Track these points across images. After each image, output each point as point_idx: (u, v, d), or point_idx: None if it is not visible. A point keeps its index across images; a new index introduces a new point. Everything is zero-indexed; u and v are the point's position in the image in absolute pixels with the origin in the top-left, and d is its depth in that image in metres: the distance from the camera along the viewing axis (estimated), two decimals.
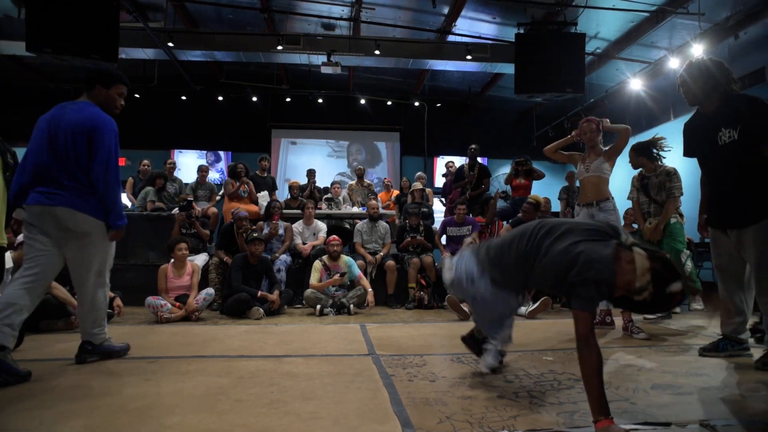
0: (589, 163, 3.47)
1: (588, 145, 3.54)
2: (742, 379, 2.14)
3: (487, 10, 7.51)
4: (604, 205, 3.39)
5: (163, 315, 3.97)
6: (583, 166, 3.51)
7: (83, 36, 5.63)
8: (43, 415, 1.66)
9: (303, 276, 5.12)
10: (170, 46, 7.54)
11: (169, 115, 10.90)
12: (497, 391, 1.93)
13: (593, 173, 3.44)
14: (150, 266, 5.04)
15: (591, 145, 3.52)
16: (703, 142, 2.57)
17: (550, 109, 10.91)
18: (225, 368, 2.32)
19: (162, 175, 6.36)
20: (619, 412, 1.66)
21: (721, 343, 2.61)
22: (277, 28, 8.22)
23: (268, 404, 1.77)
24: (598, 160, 3.43)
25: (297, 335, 3.33)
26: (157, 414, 1.66)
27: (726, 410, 1.71)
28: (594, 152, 3.50)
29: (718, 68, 2.48)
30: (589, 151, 3.53)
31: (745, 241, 2.40)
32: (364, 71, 10.05)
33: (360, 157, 11.81)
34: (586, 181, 3.50)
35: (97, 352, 2.49)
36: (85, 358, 2.45)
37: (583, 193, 3.53)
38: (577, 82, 6.80)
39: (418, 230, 5.48)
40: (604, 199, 3.40)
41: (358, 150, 11.86)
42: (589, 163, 3.47)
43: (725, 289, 2.61)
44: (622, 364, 2.41)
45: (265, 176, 6.92)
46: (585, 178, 3.50)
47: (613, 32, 7.75)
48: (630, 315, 3.32)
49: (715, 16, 6.56)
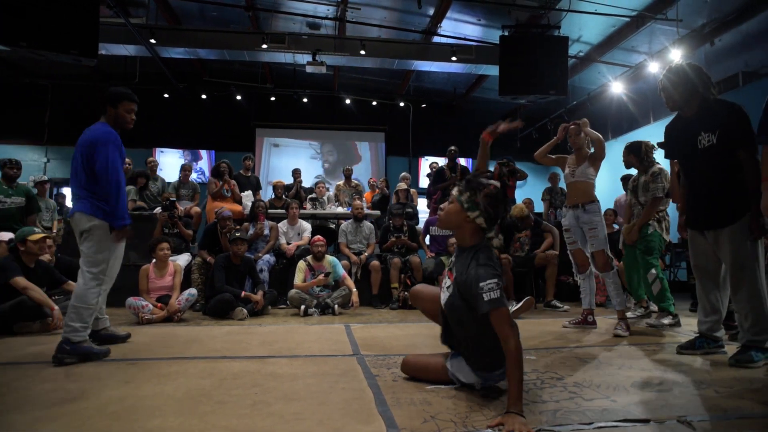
0: (575, 167, 3.56)
1: (574, 147, 3.62)
2: (717, 375, 2.20)
3: (471, 12, 7.58)
4: (589, 207, 3.48)
5: (145, 316, 3.89)
6: (569, 170, 3.59)
7: (61, 30, 5.46)
8: (16, 420, 1.61)
9: (287, 276, 5.08)
10: (152, 43, 7.42)
11: (151, 114, 10.65)
12: (481, 390, 1.94)
13: (578, 178, 3.54)
14: (131, 266, 4.92)
15: (577, 148, 3.60)
16: (683, 145, 2.64)
17: (533, 111, 11.04)
18: (207, 369, 2.29)
19: (144, 174, 6.24)
20: (600, 410, 1.69)
21: (697, 340, 2.69)
22: (262, 26, 8.16)
23: (251, 405, 1.75)
24: (583, 165, 3.52)
25: (281, 336, 3.30)
26: (137, 417, 1.63)
27: (702, 406, 1.76)
28: (580, 156, 3.58)
29: (696, 73, 2.54)
30: (576, 154, 3.61)
31: (721, 242, 2.47)
32: (349, 71, 10.04)
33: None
34: (572, 185, 3.60)
35: (75, 353, 2.46)
36: (62, 358, 2.42)
37: (570, 195, 3.63)
38: (560, 84, 6.90)
39: (401, 230, 5.49)
40: (589, 201, 3.49)
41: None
42: (575, 167, 3.56)
43: (702, 288, 2.69)
44: (603, 363, 2.45)
45: (249, 176, 6.84)
46: (571, 182, 3.59)
47: (596, 36, 7.89)
48: (623, 314, 3.40)
49: (692, 23, 6.74)
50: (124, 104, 2.79)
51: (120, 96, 2.79)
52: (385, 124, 11.70)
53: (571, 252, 3.67)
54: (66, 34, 5.50)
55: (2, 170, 4.66)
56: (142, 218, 5.48)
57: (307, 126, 11.58)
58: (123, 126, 2.81)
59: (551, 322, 3.98)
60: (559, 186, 7.34)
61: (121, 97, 2.79)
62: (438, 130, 11.56)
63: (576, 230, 3.59)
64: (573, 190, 3.59)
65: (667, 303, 3.65)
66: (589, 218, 3.46)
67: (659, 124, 8.03)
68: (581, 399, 1.82)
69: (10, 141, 9.86)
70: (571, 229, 3.61)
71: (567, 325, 3.64)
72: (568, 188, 3.66)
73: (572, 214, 3.58)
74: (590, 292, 3.62)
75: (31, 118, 10.08)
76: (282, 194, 6.72)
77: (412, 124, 11.38)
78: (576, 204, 3.54)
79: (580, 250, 3.60)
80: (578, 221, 3.54)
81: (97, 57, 5.81)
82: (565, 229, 3.68)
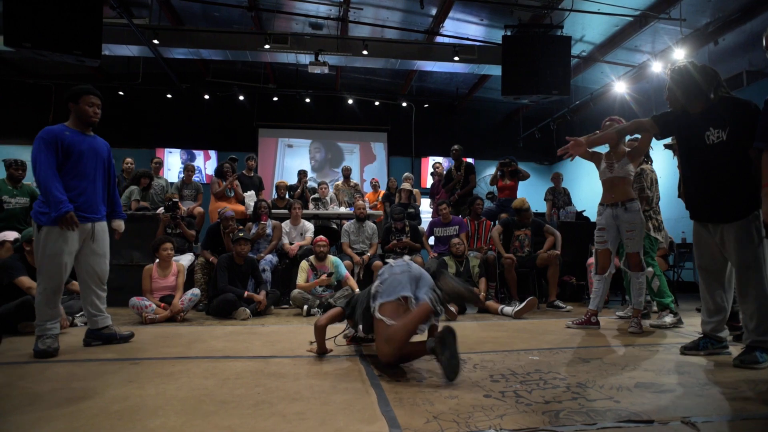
0: (613, 163, 3.42)
1: (610, 144, 3.48)
2: (721, 376, 2.19)
3: (474, 11, 7.57)
4: (630, 206, 3.35)
5: (148, 316, 3.90)
6: (607, 166, 3.46)
7: (65, 31, 5.49)
8: (20, 420, 1.61)
9: (290, 276, 5.08)
10: (155, 43, 7.43)
11: (154, 114, 10.76)
12: (483, 390, 1.94)
13: (617, 174, 3.40)
14: (134, 266, 4.96)
15: (613, 145, 3.47)
16: (689, 140, 2.61)
17: (536, 111, 11.03)
18: (210, 369, 2.29)
19: (147, 174, 6.26)
20: (603, 411, 1.69)
21: (701, 341, 2.67)
22: (265, 26, 8.17)
23: (254, 405, 1.75)
24: (623, 161, 3.40)
25: (284, 336, 3.30)
26: (140, 417, 1.63)
27: (706, 407, 1.75)
28: (617, 152, 3.45)
29: (701, 73, 2.52)
30: (612, 150, 3.49)
31: (728, 240, 2.46)
32: (352, 71, 10.05)
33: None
34: (609, 182, 3.45)
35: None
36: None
37: (607, 193, 3.48)
38: (563, 84, 6.89)
39: (403, 231, 5.48)
40: (630, 199, 3.37)
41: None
42: (613, 163, 3.42)
43: (706, 288, 2.67)
44: (606, 363, 2.44)
45: (252, 176, 6.85)
46: (608, 178, 3.45)
47: (598, 36, 7.87)
48: (639, 313, 3.40)
49: (695, 22, 6.72)
50: (84, 98, 2.77)
51: (80, 91, 2.78)
52: (388, 124, 11.70)
53: (596, 251, 3.56)
54: (69, 35, 5.53)
55: (7, 171, 4.68)
56: (145, 218, 5.50)
57: (310, 126, 11.60)
58: (87, 120, 2.79)
59: (554, 322, 3.97)
60: (562, 186, 7.32)
61: (80, 92, 2.78)
62: (440, 130, 11.56)
63: (611, 229, 3.44)
64: (610, 187, 3.44)
65: (667, 299, 3.71)
66: (630, 218, 3.33)
67: None
68: (584, 399, 1.82)
69: (15, 141, 9.91)
70: (607, 228, 3.45)
71: (570, 325, 3.62)
72: (605, 184, 3.49)
73: (610, 213, 3.42)
74: (602, 294, 3.56)
75: (36, 118, 10.12)
76: (284, 194, 6.72)
77: (414, 124, 11.38)
78: (615, 202, 3.40)
79: (608, 251, 3.47)
80: (616, 220, 3.40)
81: (101, 57, 5.84)
82: (599, 227, 3.51)
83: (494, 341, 3.09)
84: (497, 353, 2.68)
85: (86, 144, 2.79)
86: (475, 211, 5.71)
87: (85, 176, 2.76)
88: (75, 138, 2.74)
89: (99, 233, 2.87)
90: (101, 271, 2.90)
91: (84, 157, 2.76)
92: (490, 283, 5.03)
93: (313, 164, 11.58)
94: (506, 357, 2.58)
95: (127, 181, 6.38)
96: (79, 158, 2.73)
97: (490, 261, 5.15)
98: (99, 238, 2.86)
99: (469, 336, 3.29)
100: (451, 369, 2.05)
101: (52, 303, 2.71)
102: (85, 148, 2.77)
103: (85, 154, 2.77)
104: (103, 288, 2.96)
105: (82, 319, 3.70)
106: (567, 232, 5.93)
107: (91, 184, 2.80)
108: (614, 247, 3.51)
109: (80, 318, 3.70)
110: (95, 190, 2.83)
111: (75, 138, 2.74)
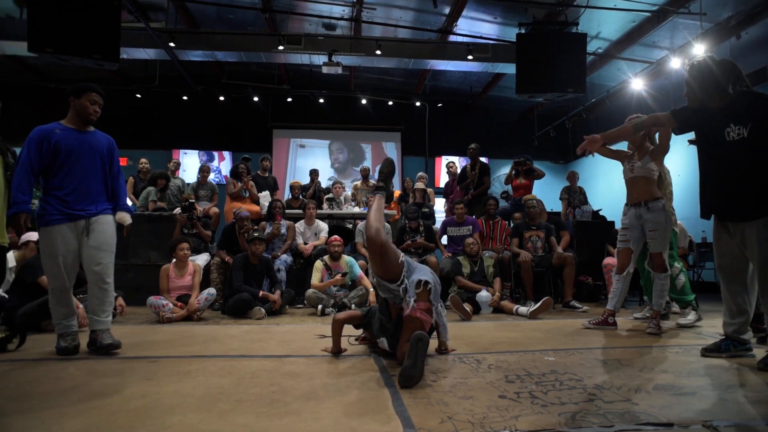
0: (636, 162, 3.38)
1: (635, 143, 3.44)
2: (744, 379, 2.13)
3: (488, 10, 7.52)
4: (652, 205, 3.31)
5: (165, 315, 3.97)
6: (629, 165, 3.42)
7: (84, 36, 5.63)
8: (45, 415, 1.65)
9: (304, 276, 5.12)
10: (171, 46, 7.55)
11: (171, 116, 10.93)
12: (498, 391, 1.92)
13: (638, 173, 3.36)
14: (152, 266, 5.05)
15: (638, 144, 3.42)
16: (708, 137, 2.55)
17: (551, 109, 10.90)
18: (226, 368, 2.32)
19: (164, 175, 6.36)
20: (621, 413, 1.66)
21: (723, 343, 2.60)
22: (278, 28, 8.24)
23: (269, 404, 1.77)
24: (644, 159, 3.35)
25: (298, 335, 3.32)
26: (157, 414, 1.66)
27: (729, 411, 1.70)
28: (641, 151, 3.40)
29: (720, 68, 2.46)
30: (635, 149, 3.44)
31: (749, 238, 2.40)
32: (365, 71, 10.06)
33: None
34: (631, 181, 3.42)
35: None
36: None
37: (630, 193, 3.44)
38: (579, 82, 6.79)
39: (417, 231, 5.47)
40: (653, 198, 3.32)
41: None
42: (636, 162, 3.38)
43: (727, 289, 2.60)
44: (623, 365, 2.40)
45: (266, 176, 6.92)
46: (631, 178, 3.42)
47: (615, 32, 7.75)
48: (658, 314, 3.36)
49: (716, 16, 6.56)
50: (87, 95, 2.74)
51: (84, 87, 2.76)
52: (402, 123, 11.69)
53: (618, 249, 3.52)
54: (89, 40, 5.66)
55: None
56: (162, 219, 5.60)
57: (323, 126, 11.67)
58: (85, 117, 2.75)
59: (570, 322, 3.92)
60: (578, 185, 7.22)
61: (84, 88, 2.76)
62: (454, 129, 11.51)
63: (635, 229, 3.40)
64: (633, 187, 3.41)
65: (690, 297, 3.76)
66: (653, 217, 3.29)
67: None
68: (601, 401, 1.79)
69: None
70: (630, 228, 3.41)
71: (587, 326, 3.57)
72: (628, 184, 3.46)
73: (634, 213, 3.39)
74: (620, 294, 3.51)
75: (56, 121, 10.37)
76: (299, 194, 6.77)
77: (428, 123, 11.35)
78: (638, 202, 3.37)
79: (629, 250, 3.43)
80: (639, 220, 3.36)
81: (119, 61, 5.96)
82: (623, 227, 3.48)
83: (509, 341, 3.06)
84: (512, 354, 2.66)
85: (80, 140, 2.73)
86: (488, 211, 5.68)
87: (76, 173, 2.70)
88: (66, 135, 2.70)
89: (95, 228, 2.73)
90: (98, 266, 2.72)
91: (75, 155, 2.70)
92: (505, 283, 4.99)
93: (336, 166, 11.67)
94: (521, 357, 2.56)
95: (144, 182, 6.50)
96: (68, 156, 2.68)
97: (505, 261, 5.11)
98: (95, 232, 2.73)
99: (483, 336, 3.27)
100: (405, 377, 1.94)
101: (63, 301, 2.72)
102: (77, 145, 2.71)
103: (77, 151, 2.70)
104: (102, 286, 2.73)
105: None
106: (583, 231, 5.86)
107: (84, 180, 2.73)
108: (638, 248, 3.45)
109: None
110: (89, 186, 2.75)
111: (66, 135, 2.70)
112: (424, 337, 2.05)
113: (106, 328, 2.73)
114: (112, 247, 2.81)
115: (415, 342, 2.02)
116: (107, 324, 2.75)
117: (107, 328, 2.74)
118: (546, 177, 6.81)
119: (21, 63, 9.03)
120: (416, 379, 1.97)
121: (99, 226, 2.75)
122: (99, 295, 2.73)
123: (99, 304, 2.73)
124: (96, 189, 2.79)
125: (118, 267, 5.08)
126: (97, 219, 2.75)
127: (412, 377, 1.96)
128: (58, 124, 2.74)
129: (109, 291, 2.77)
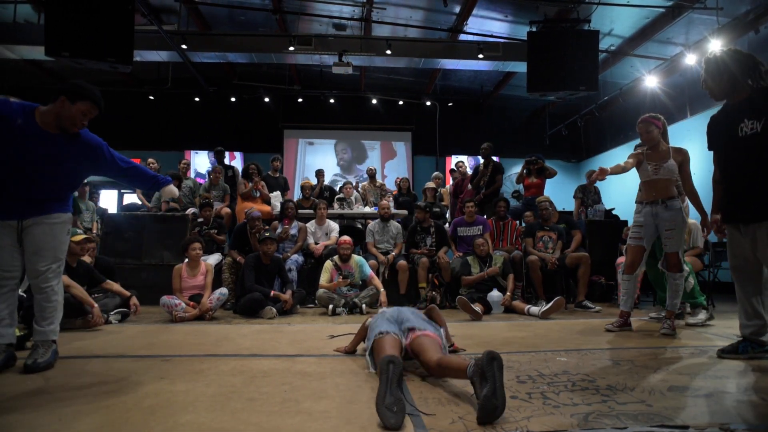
0: (660, 163, 3.26)
1: (649, 145, 3.34)
2: (764, 382, 2.09)
3: (498, 8, 7.48)
4: (670, 204, 3.24)
5: (178, 314, 4.02)
6: (651, 168, 3.30)
7: (99, 39, 5.74)
8: (62, 411, 1.69)
9: (315, 276, 5.13)
10: (184, 48, 7.64)
11: (183, 117, 11.06)
12: (510, 391, 1.91)
13: (662, 176, 3.26)
14: (164, 266, 5.12)
15: (652, 146, 3.33)
16: (721, 134, 2.50)
17: (563, 108, 10.81)
18: (238, 367, 2.34)
19: (176, 176, 6.44)
20: (635, 414, 1.64)
21: (741, 344, 2.54)
22: (289, 28, 8.29)
23: (281, 403, 1.78)
24: (669, 163, 3.24)
25: (309, 335, 3.34)
26: (171, 412, 1.68)
27: (746, 414, 1.67)
28: (659, 153, 3.29)
29: (736, 60, 2.39)
30: (652, 151, 3.33)
31: (760, 240, 2.33)
32: (376, 71, 10.08)
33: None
34: (652, 183, 3.31)
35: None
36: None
37: (648, 192, 3.35)
38: (591, 80, 6.72)
39: (428, 231, 5.45)
40: (670, 197, 3.25)
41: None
42: (660, 163, 3.26)
43: (741, 290, 2.55)
44: (637, 366, 2.37)
45: (277, 176, 6.96)
46: (652, 179, 3.30)
47: (628, 29, 7.64)
48: (672, 315, 3.30)
49: (734, 11, 6.43)
50: (85, 105, 2.29)
51: (85, 94, 2.29)
52: (412, 123, 11.69)
53: (628, 246, 3.45)
54: (104, 43, 5.77)
55: None
56: (174, 219, 5.66)
57: (334, 126, 11.72)
58: (68, 127, 2.28)
59: (582, 322, 3.88)
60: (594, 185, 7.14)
61: (85, 96, 2.29)
62: (465, 128, 11.47)
63: (649, 227, 3.32)
64: (652, 187, 3.31)
65: (700, 299, 3.78)
66: (670, 216, 3.21)
67: (696, 119, 7.69)
68: (614, 402, 1.77)
69: None
70: (645, 226, 3.33)
71: (610, 328, 3.45)
72: (647, 186, 3.34)
73: (649, 211, 3.30)
74: (631, 294, 3.46)
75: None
76: (309, 194, 6.81)
77: (439, 123, 11.32)
78: (655, 200, 3.28)
79: (641, 248, 3.36)
80: (655, 218, 3.28)
81: (132, 63, 6.06)
82: (636, 224, 3.40)
83: (521, 342, 3.04)
84: (524, 354, 2.64)
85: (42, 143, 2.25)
86: (498, 213, 5.64)
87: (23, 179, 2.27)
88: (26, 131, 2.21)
89: (30, 231, 2.31)
90: (31, 270, 2.34)
91: (22, 152, 2.21)
92: (517, 283, 4.96)
93: (341, 164, 11.73)
94: (533, 358, 2.54)
95: None
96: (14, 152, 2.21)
97: (516, 260, 5.08)
98: (30, 235, 2.32)
99: (495, 336, 3.25)
100: (487, 410, 1.50)
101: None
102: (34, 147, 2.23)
103: (31, 152, 2.23)
104: (40, 293, 2.36)
105: (117, 316, 3.84)
106: (595, 230, 5.79)
107: (21, 183, 2.27)
108: (649, 246, 3.39)
109: (114, 316, 3.83)
110: (29, 188, 2.29)
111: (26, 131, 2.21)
112: (497, 356, 1.60)
113: (47, 339, 2.37)
114: (55, 251, 2.38)
115: (488, 362, 1.56)
116: (48, 335, 2.38)
117: (48, 339, 2.38)
118: (558, 176, 6.75)
119: (39, 67, 9.21)
120: (500, 411, 1.53)
121: (34, 227, 2.32)
122: (38, 300, 2.38)
123: (39, 311, 2.39)
124: (48, 195, 2.37)
125: (132, 267, 5.23)
126: (35, 221, 2.33)
127: (495, 409, 1.52)
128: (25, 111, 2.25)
129: (50, 296, 2.37)
